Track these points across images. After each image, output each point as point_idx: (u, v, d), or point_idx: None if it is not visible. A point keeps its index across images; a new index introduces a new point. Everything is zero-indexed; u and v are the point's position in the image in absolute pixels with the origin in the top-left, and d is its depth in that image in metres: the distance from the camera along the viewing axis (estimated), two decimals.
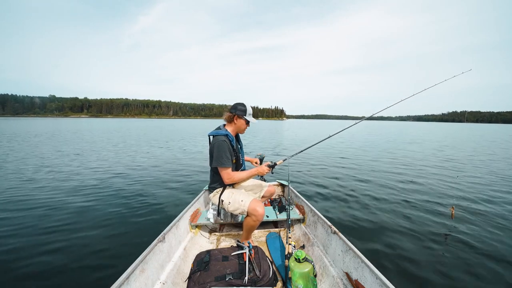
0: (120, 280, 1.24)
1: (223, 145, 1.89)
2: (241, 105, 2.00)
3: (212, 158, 1.97)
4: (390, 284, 1.22)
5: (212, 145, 1.98)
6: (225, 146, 1.90)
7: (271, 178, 3.70)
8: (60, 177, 5.16)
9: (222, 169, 1.93)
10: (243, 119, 2.02)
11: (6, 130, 20.15)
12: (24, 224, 2.91)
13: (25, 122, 45.54)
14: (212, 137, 2.04)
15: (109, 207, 3.47)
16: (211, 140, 2.05)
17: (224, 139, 1.93)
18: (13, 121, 49.18)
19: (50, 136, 15.41)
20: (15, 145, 10.51)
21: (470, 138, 19.97)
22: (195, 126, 38.98)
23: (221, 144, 1.89)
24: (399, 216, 3.24)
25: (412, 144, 13.59)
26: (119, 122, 57.64)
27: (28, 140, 12.40)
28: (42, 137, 14.56)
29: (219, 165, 1.90)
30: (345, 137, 16.30)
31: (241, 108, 2.00)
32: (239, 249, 1.85)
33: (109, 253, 2.35)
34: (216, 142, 1.92)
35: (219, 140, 1.92)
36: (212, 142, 2.01)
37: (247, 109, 2.02)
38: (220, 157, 1.88)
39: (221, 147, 1.88)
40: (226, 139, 1.95)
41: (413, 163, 7.24)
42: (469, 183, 4.99)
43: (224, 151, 1.88)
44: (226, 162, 1.90)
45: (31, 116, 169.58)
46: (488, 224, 3.03)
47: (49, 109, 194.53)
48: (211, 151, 1.98)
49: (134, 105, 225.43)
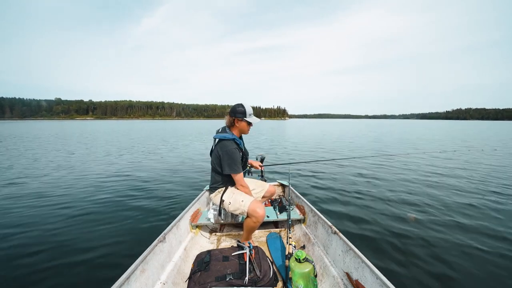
0: (120, 280, 1.25)
1: (235, 153, 1.90)
2: (239, 107, 1.94)
3: (217, 161, 1.97)
4: (391, 284, 1.21)
5: (219, 150, 1.93)
6: (237, 154, 1.91)
7: (271, 178, 3.70)
8: (60, 177, 5.22)
9: (236, 175, 1.96)
10: (244, 121, 1.97)
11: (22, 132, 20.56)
12: (24, 224, 2.95)
13: (34, 124, 46.33)
14: (217, 140, 1.99)
15: (109, 207, 3.49)
16: (216, 142, 2.01)
17: (235, 146, 1.93)
18: (22, 124, 50.10)
19: (59, 137, 15.67)
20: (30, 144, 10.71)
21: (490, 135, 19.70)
22: (197, 127, 39.14)
23: (233, 152, 1.89)
24: (399, 216, 3.20)
25: (418, 141, 13.42)
26: (123, 124, 58.23)
27: (36, 141, 12.64)
28: (52, 138, 14.81)
29: (234, 172, 1.92)
30: (345, 137, 16.20)
31: (240, 110, 1.94)
32: (239, 249, 1.85)
33: (109, 253, 2.36)
34: (227, 149, 1.89)
35: (230, 148, 1.90)
36: (218, 145, 1.96)
37: (247, 110, 1.94)
38: (233, 165, 1.90)
39: (233, 155, 1.89)
40: (236, 145, 1.94)
41: (416, 162, 7.15)
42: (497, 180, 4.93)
43: (237, 159, 1.91)
44: (239, 169, 1.94)
45: (38, 119, 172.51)
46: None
47: (55, 112, 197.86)
48: (216, 154, 1.96)
49: (138, 107, 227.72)
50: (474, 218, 3.15)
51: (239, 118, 1.95)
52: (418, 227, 2.89)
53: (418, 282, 1.97)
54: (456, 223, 3.00)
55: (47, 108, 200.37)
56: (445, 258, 2.29)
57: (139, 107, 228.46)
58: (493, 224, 2.98)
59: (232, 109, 1.98)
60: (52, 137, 16.65)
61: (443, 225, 2.95)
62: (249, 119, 1.97)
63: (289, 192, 2.79)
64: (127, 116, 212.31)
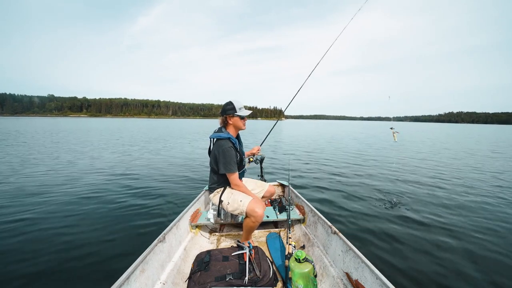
0: (120, 280, 1.24)
1: (230, 152, 1.91)
2: (228, 105, 1.97)
3: (214, 160, 1.97)
4: (390, 284, 1.22)
5: (215, 149, 1.95)
6: (231, 153, 1.91)
7: (271, 178, 3.70)
8: (59, 177, 5.14)
9: (231, 174, 1.96)
10: (236, 116, 1.98)
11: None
12: (23, 224, 2.90)
13: (25, 121, 45.36)
14: (214, 140, 2.01)
15: (109, 208, 3.46)
16: (213, 142, 2.02)
17: (230, 145, 1.93)
18: (15, 120, 48.96)
19: (52, 134, 15.36)
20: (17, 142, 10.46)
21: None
22: (194, 126, 38.88)
23: (228, 150, 1.90)
24: (399, 216, 3.24)
25: (414, 143, 13.64)
26: (118, 122, 57.47)
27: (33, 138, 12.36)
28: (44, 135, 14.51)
29: (228, 171, 1.92)
30: (345, 137, 16.33)
31: (229, 107, 1.96)
32: (239, 249, 1.85)
33: (109, 253, 2.35)
34: (222, 148, 1.90)
35: (225, 146, 1.91)
36: (215, 145, 1.98)
37: (235, 105, 1.95)
38: (228, 164, 1.90)
39: (228, 153, 1.90)
40: (231, 144, 1.95)
41: (413, 162, 7.26)
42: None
43: (231, 158, 1.91)
44: (234, 168, 1.94)
45: (30, 115, 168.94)
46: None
47: (48, 108, 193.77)
48: (213, 153, 1.98)
49: (133, 105, 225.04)
50: (474, 218, 3.21)
51: (230, 114, 1.97)
52: (418, 228, 2.93)
53: (418, 282, 1.99)
54: (456, 223, 3.05)
55: (39, 104, 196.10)
56: (445, 258, 2.32)
57: (134, 105, 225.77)
58: (493, 224, 3.04)
59: (222, 109, 2.02)
60: (47, 133, 16.33)
61: (443, 225, 3.00)
62: (240, 113, 1.97)
63: (288, 192, 2.80)
64: (122, 114, 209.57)
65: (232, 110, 1.96)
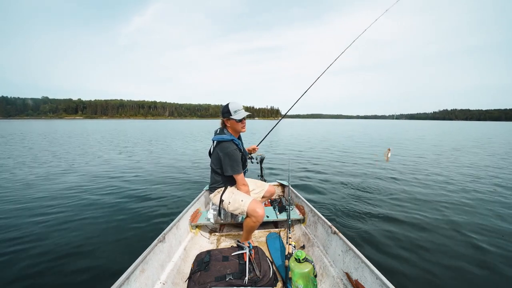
0: (120, 280, 1.24)
1: (236, 154, 1.93)
2: (224, 108, 1.98)
3: (217, 162, 1.98)
4: (390, 284, 1.22)
5: (219, 151, 1.95)
6: (237, 155, 1.93)
7: (271, 178, 3.70)
8: (59, 177, 5.09)
9: (237, 175, 1.98)
10: (232, 119, 1.98)
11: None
12: (23, 224, 2.89)
13: (20, 124, 44.73)
14: (216, 142, 2.01)
15: (109, 208, 3.44)
16: (215, 143, 2.03)
17: (235, 147, 1.95)
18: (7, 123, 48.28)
19: (46, 137, 15.17)
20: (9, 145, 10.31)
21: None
22: (193, 126, 38.74)
23: (234, 153, 1.92)
24: (400, 216, 3.25)
25: (410, 140, 13.75)
26: (114, 123, 57.02)
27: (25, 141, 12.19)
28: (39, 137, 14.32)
29: (235, 172, 1.95)
30: (344, 137, 16.40)
31: (225, 110, 1.97)
32: (239, 249, 1.84)
33: (109, 253, 2.34)
34: (227, 150, 1.91)
35: (230, 149, 1.92)
36: (218, 147, 1.98)
37: (230, 108, 1.94)
38: (235, 165, 1.92)
39: (234, 156, 1.91)
40: (235, 146, 1.96)
41: (413, 162, 7.32)
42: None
43: (237, 160, 1.93)
44: (240, 169, 1.97)
45: (24, 118, 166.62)
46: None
47: (42, 110, 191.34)
48: (216, 155, 1.98)
49: (129, 106, 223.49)
50: (473, 218, 3.21)
51: (227, 117, 1.99)
52: (418, 227, 2.93)
53: (418, 282, 2.00)
54: (455, 223, 3.05)
55: (33, 107, 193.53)
56: (445, 258, 2.33)
57: (130, 106, 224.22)
58: (493, 223, 3.04)
59: (221, 111, 2.05)
60: (41, 136, 16.13)
61: (443, 225, 3.00)
62: (235, 116, 1.96)
63: (288, 192, 2.79)
64: (118, 116, 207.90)
65: (227, 113, 1.96)
